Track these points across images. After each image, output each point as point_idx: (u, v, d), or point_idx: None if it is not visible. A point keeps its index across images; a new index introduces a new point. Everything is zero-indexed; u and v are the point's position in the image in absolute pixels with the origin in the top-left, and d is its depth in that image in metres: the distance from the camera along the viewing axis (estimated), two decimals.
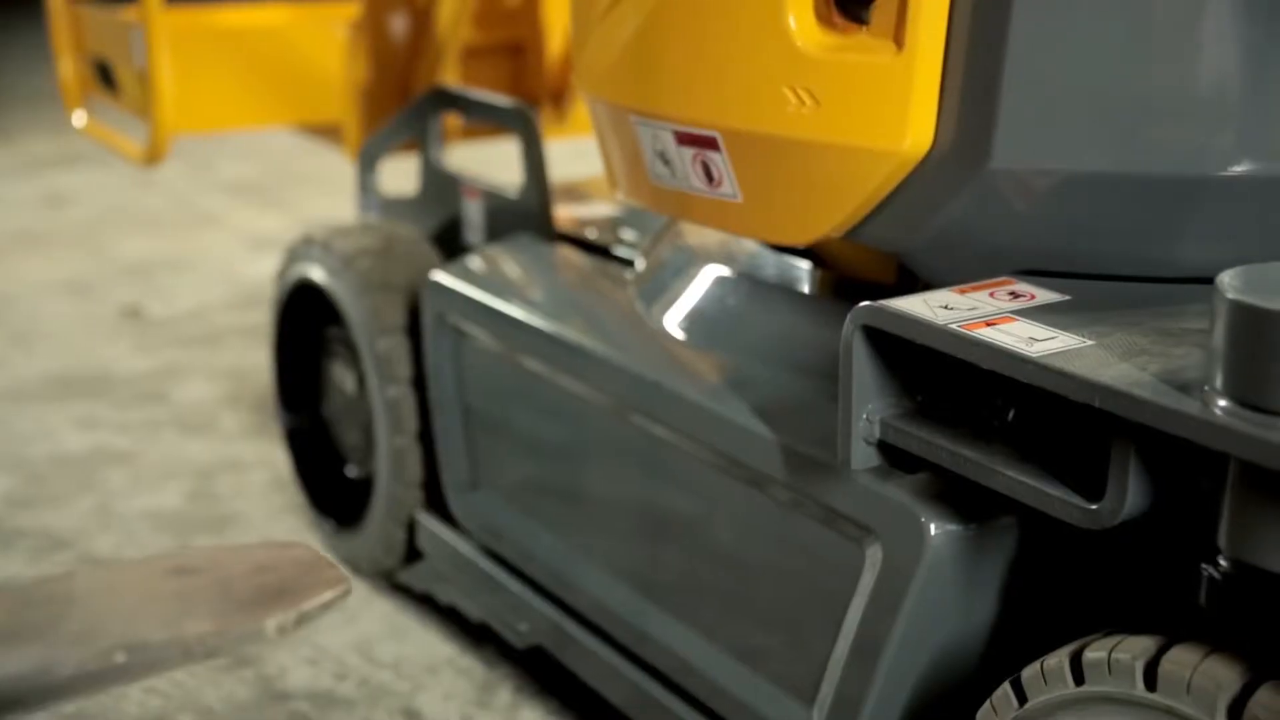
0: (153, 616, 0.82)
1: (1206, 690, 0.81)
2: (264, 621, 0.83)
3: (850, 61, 1.10)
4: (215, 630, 0.81)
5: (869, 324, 1.01)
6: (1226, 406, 0.80)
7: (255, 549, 0.92)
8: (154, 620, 0.81)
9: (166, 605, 0.83)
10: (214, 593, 0.85)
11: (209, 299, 3.39)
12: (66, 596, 0.83)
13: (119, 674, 0.78)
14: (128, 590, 0.85)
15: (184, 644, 0.80)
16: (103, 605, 0.83)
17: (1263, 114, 1.02)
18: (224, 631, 0.81)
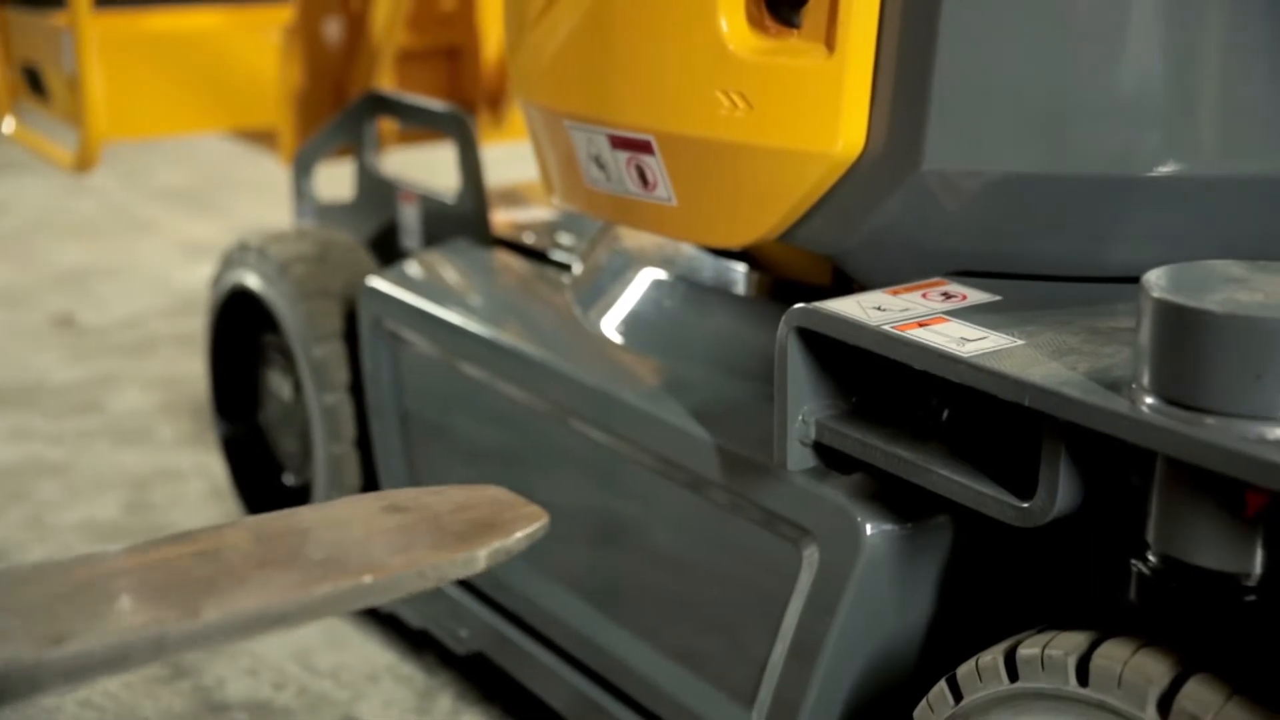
0: (382, 546, 0.87)
1: (1137, 684, 0.82)
2: (478, 551, 0.89)
3: (782, 65, 1.10)
4: (439, 558, 0.87)
5: (803, 326, 1.02)
6: (1153, 404, 0.81)
7: (453, 490, 0.98)
8: (384, 549, 0.87)
9: (390, 537, 0.89)
10: (428, 527, 0.91)
11: (143, 307, 3.35)
12: (301, 529, 0.89)
13: (367, 594, 0.83)
14: (352, 525, 0.91)
15: (419, 569, 0.85)
16: (335, 536, 0.89)
17: (1188, 116, 1.04)
18: (448, 559, 0.87)
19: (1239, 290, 0.80)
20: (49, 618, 0.73)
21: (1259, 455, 0.75)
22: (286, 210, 2.29)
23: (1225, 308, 0.78)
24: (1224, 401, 0.78)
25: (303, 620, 0.81)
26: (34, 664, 0.69)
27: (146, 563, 0.81)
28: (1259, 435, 0.76)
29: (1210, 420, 0.78)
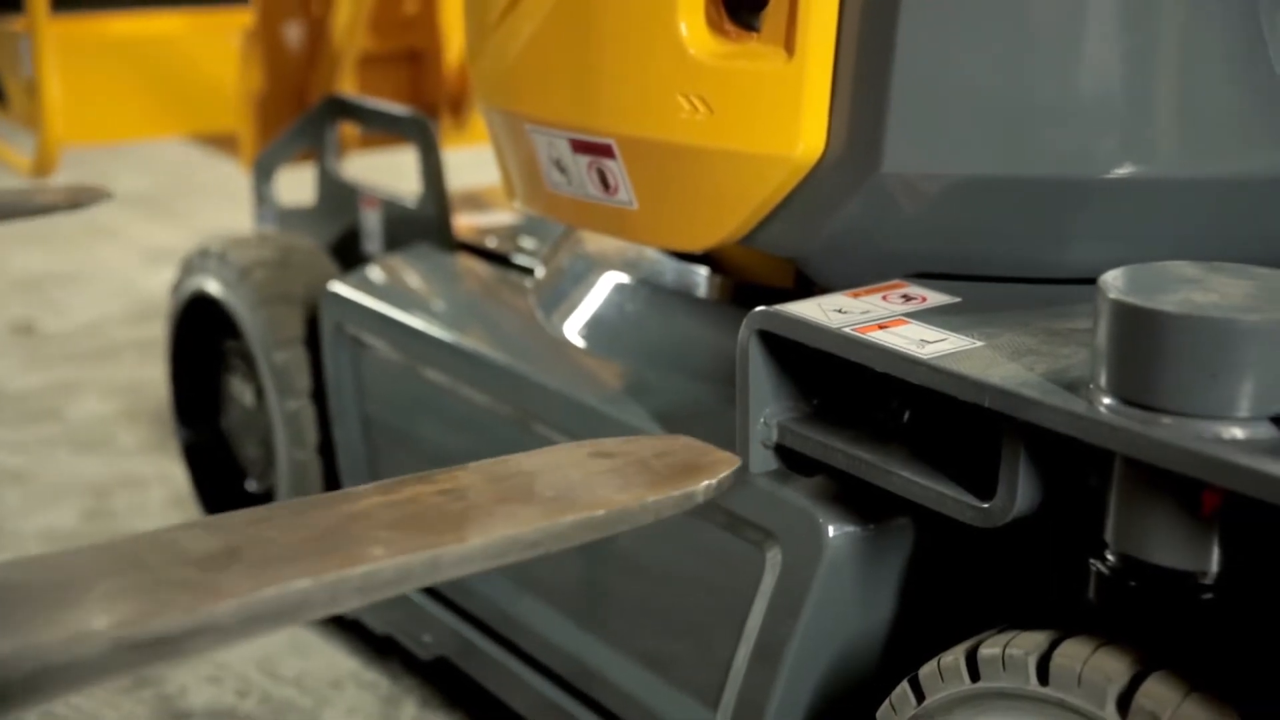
0: (603, 485, 0.91)
1: (1096, 683, 0.82)
2: (692, 487, 0.92)
3: (742, 68, 1.10)
4: (659, 494, 0.90)
5: (764, 329, 1.02)
6: (1110, 404, 0.81)
7: (647, 439, 1.01)
8: (606, 488, 0.91)
9: (607, 478, 0.92)
10: (637, 469, 0.94)
11: (104, 313, 3.33)
12: (525, 471, 0.93)
13: (602, 525, 0.87)
14: (569, 468, 0.94)
15: (643, 503, 0.89)
16: (558, 478, 0.92)
17: (1145, 118, 1.05)
18: (668, 495, 0.91)
19: (1194, 291, 0.81)
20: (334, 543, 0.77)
21: (1214, 454, 0.75)
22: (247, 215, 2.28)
23: (1181, 308, 0.78)
24: (1180, 401, 0.78)
25: (549, 548, 0.85)
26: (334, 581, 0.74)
27: (399, 499, 0.86)
28: (1214, 434, 0.77)
29: (1167, 420, 0.79)
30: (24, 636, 0.64)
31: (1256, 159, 1.06)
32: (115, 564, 0.73)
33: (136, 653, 0.67)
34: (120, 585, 0.70)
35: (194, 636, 0.69)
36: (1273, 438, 0.77)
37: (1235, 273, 0.85)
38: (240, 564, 0.74)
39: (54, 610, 0.66)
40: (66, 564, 0.73)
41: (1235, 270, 0.85)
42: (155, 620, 0.67)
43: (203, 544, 0.76)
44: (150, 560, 0.74)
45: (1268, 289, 0.82)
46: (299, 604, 0.73)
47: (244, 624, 0.71)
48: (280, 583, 0.72)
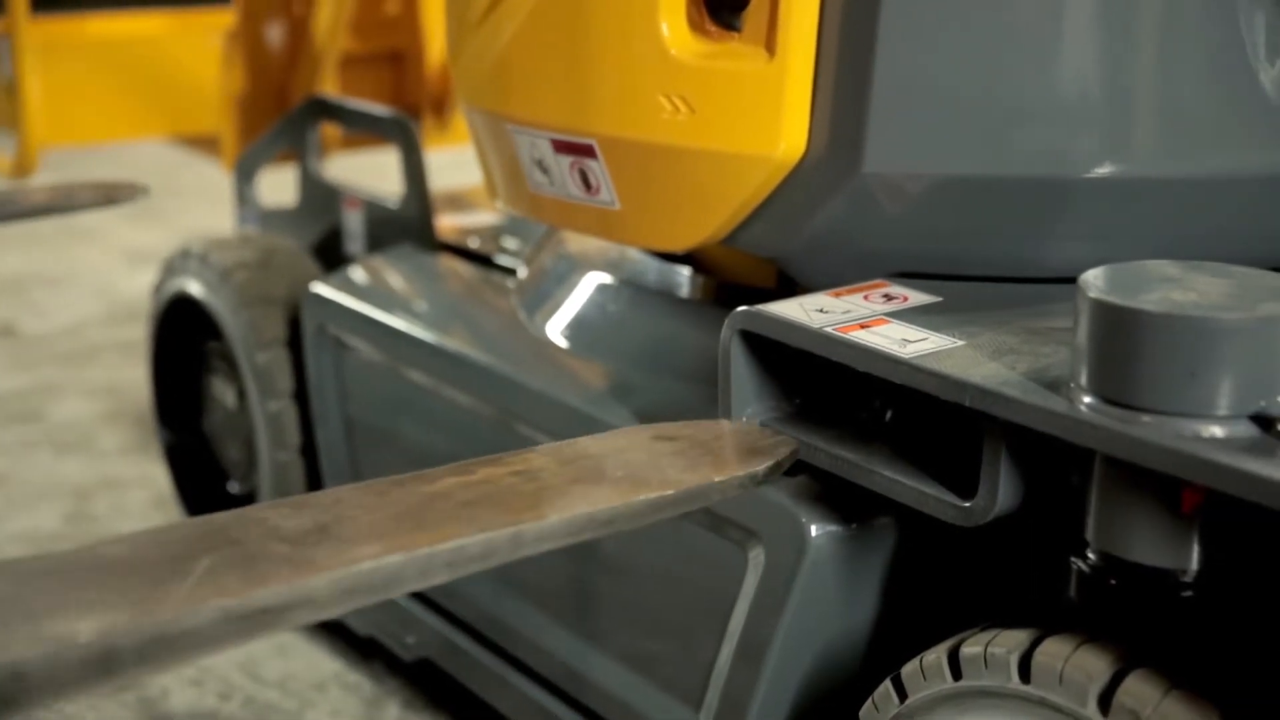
0: (669, 466, 0.93)
1: (1078, 681, 0.82)
2: (755, 468, 0.94)
3: (723, 68, 1.11)
4: (725, 474, 0.92)
5: (746, 329, 1.02)
6: (1091, 403, 0.82)
7: (705, 423, 1.03)
8: (673, 469, 0.92)
9: (673, 459, 0.94)
10: (701, 451, 0.96)
11: (85, 314, 3.32)
12: (593, 454, 0.95)
13: (673, 504, 0.89)
14: (635, 450, 0.95)
15: (710, 483, 0.92)
16: (625, 459, 0.93)
17: (1123, 118, 1.05)
18: (733, 475, 0.93)
19: (1173, 290, 0.82)
20: (419, 520, 0.80)
21: (1194, 452, 0.76)
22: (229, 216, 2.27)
23: (1160, 307, 0.79)
24: (1160, 399, 0.79)
25: (622, 526, 0.87)
26: (425, 556, 0.77)
27: (474, 480, 0.88)
28: (1194, 433, 0.78)
29: (1146, 418, 0.79)
30: (138, 611, 0.66)
31: (1235, 158, 1.06)
32: (211, 540, 0.75)
33: (243, 624, 0.70)
34: (220, 560, 0.73)
35: (295, 609, 0.72)
36: (1251, 436, 0.77)
37: (1214, 272, 0.85)
38: (331, 540, 0.77)
39: (162, 584, 0.69)
40: (163, 540, 0.75)
41: (1214, 269, 0.85)
42: (258, 593, 0.70)
43: (291, 521, 0.79)
44: (243, 537, 0.76)
45: (1246, 288, 0.82)
46: (392, 578, 0.76)
47: (340, 597, 0.74)
48: (374, 558, 0.75)
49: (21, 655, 0.62)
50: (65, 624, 0.65)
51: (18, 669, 0.62)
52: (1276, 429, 0.77)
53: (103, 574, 0.70)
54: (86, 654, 0.64)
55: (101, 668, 0.64)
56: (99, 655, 0.64)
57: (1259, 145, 1.06)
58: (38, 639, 0.63)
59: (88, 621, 0.65)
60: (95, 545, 0.74)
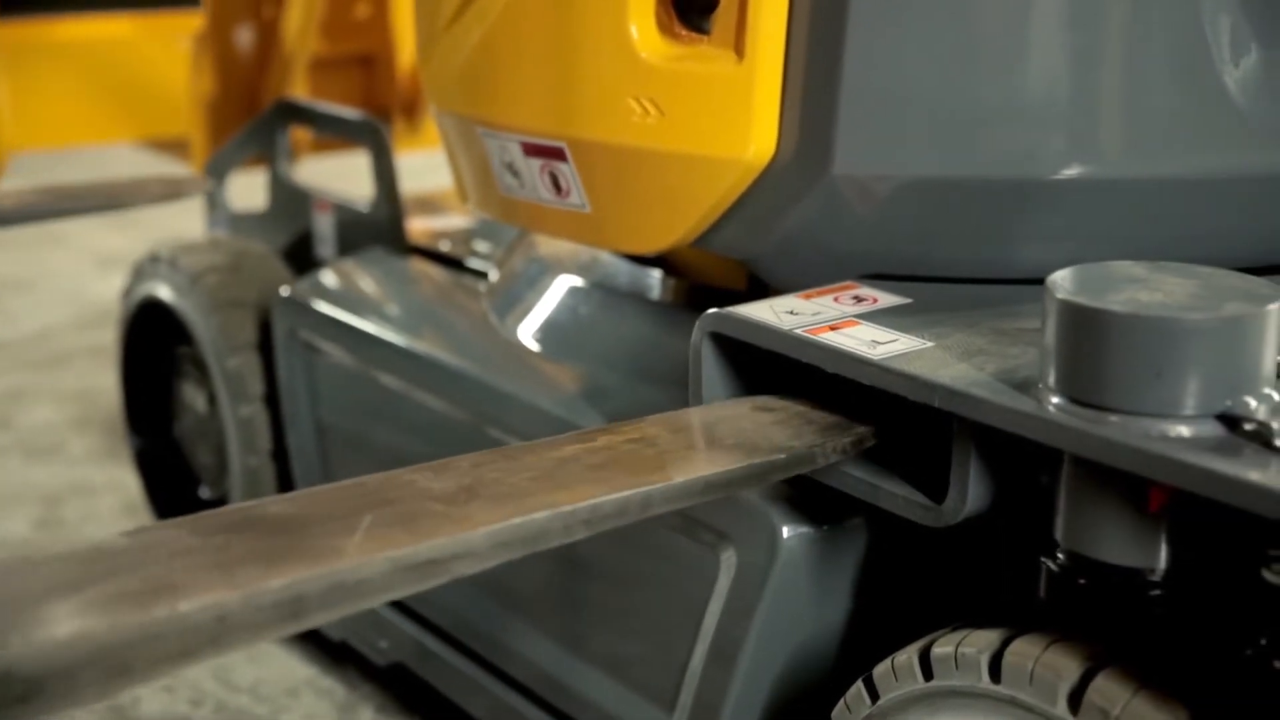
0: (775, 433, 0.96)
1: (1048, 680, 0.83)
2: (860, 431, 0.98)
3: (692, 71, 1.11)
4: (828, 441, 0.96)
5: (716, 330, 1.03)
6: (1058, 403, 0.82)
7: (791, 400, 1.05)
8: (780, 435, 0.96)
9: (777, 428, 0.97)
10: (801, 420, 0.99)
11: (55, 320, 3.30)
12: (702, 423, 0.98)
13: (784, 468, 0.93)
14: (739, 419, 0.98)
15: (815, 448, 0.95)
16: (732, 428, 0.96)
17: (1090, 119, 1.06)
18: (836, 441, 0.96)
19: (1140, 290, 0.82)
20: (556, 481, 0.85)
21: (1161, 452, 0.76)
22: (199, 220, 2.26)
23: (1126, 307, 0.79)
24: (1127, 399, 0.79)
25: (739, 489, 0.93)
26: (567, 514, 0.82)
27: (598, 446, 0.92)
28: (1161, 432, 0.78)
29: (1114, 418, 0.79)
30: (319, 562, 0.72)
31: (1200, 159, 1.07)
32: (368, 500, 0.80)
33: (410, 574, 0.75)
34: (381, 517, 0.78)
35: (456, 560, 0.77)
36: (1217, 435, 0.78)
37: (1180, 272, 0.85)
38: (479, 499, 0.82)
39: (334, 538, 0.75)
40: (324, 499, 0.81)
41: (1180, 270, 0.86)
42: (423, 545, 0.76)
43: (437, 484, 0.84)
44: (397, 497, 0.81)
45: (1211, 288, 0.82)
46: (539, 533, 0.81)
47: (494, 550, 0.79)
48: (523, 514, 0.80)
49: (223, 599, 0.67)
50: (257, 574, 0.70)
51: (222, 611, 0.67)
52: (1242, 428, 0.77)
53: (277, 530, 0.76)
54: (279, 599, 0.69)
55: (291, 613, 0.70)
56: (290, 601, 0.70)
57: (1224, 146, 1.07)
58: (235, 585, 0.68)
59: (277, 571, 0.70)
60: (262, 503, 0.80)
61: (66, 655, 0.63)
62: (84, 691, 0.64)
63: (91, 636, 0.64)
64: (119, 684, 0.65)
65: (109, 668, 0.64)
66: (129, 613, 0.65)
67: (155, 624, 0.65)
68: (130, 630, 0.65)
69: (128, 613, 0.65)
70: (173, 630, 0.66)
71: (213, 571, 0.70)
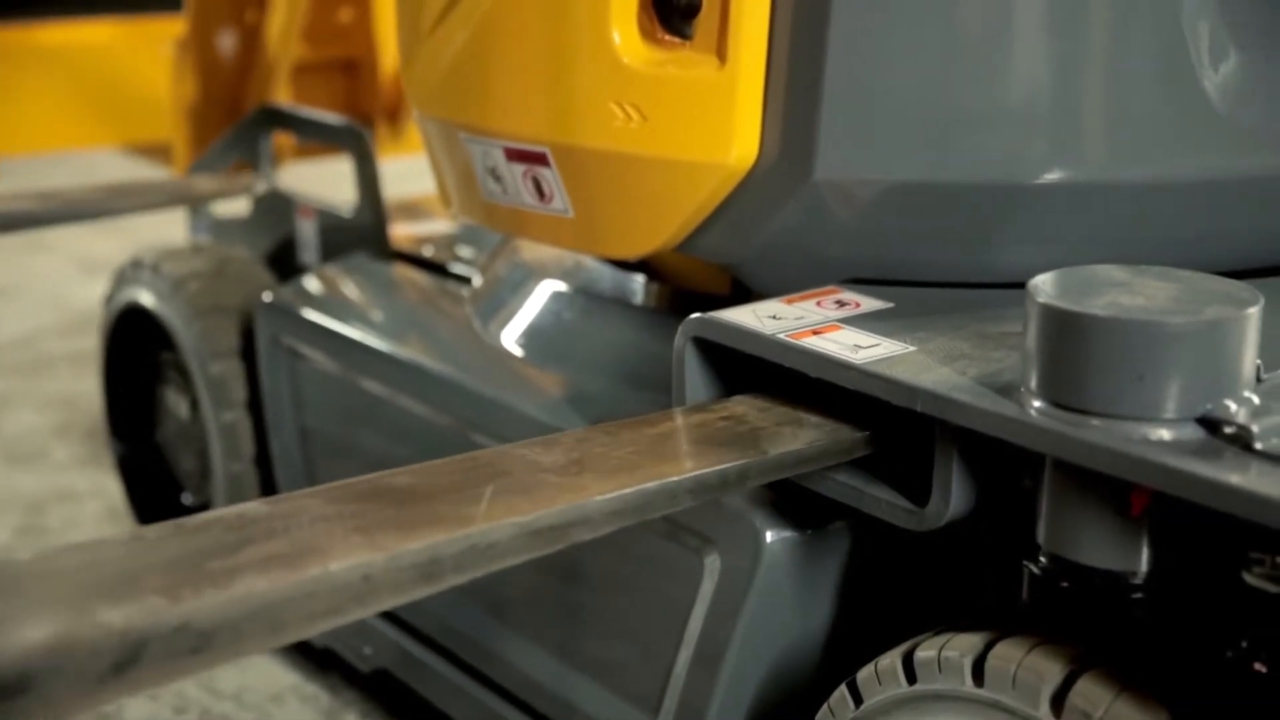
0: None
1: (1030, 683, 0.83)
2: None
3: (674, 76, 1.11)
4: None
5: (699, 335, 1.03)
6: (1040, 407, 0.82)
7: None
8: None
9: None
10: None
11: (38, 325, 3.29)
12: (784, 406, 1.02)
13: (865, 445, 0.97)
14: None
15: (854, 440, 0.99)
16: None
17: (1071, 124, 1.06)
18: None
19: (1121, 294, 0.82)
20: (657, 455, 0.91)
21: (1142, 455, 0.76)
22: (182, 226, 2.26)
23: (1108, 311, 0.79)
24: (1108, 403, 0.79)
25: (824, 464, 0.97)
26: (673, 484, 0.87)
27: (693, 424, 0.97)
28: (1142, 436, 0.78)
29: (1095, 422, 0.80)
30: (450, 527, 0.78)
31: (1180, 163, 1.08)
32: (486, 472, 0.86)
33: (534, 539, 0.81)
34: (502, 487, 0.83)
35: (574, 527, 0.83)
36: (1198, 438, 0.78)
37: (1161, 276, 0.86)
38: (589, 472, 0.87)
39: (461, 506, 0.80)
40: (443, 471, 0.87)
41: (1161, 273, 0.86)
42: (544, 512, 0.81)
43: (547, 457, 0.89)
44: (512, 469, 0.87)
45: (1192, 291, 0.83)
46: (646, 502, 0.86)
47: (608, 518, 0.84)
48: (633, 485, 0.86)
49: (368, 560, 0.73)
50: (396, 538, 0.75)
51: (368, 571, 0.73)
52: (1223, 431, 0.78)
53: (406, 499, 0.81)
54: (417, 560, 0.75)
55: (427, 574, 0.76)
56: (427, 563, 0.76)
57: (1204, 150, 1.08)
58: (377, 548, 0.74)
59: (414, 536, 0.76)
60: (385, 475, 0.85)
61: (234, 611, 0.68)
62: (249, 644, 0.69)
63: (255, 594, 0.69)
64: (275, 639, 0.71)
65: (270, 623, 0.69)
66: (285, 572, 0.70)
67: (309, 582, 0.71)
68: (289, 588, 0.70)
69: (284, 572, 0.70)
70: (324, 589, 0.71)
71: (353, 535, 0.75)
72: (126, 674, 0.65)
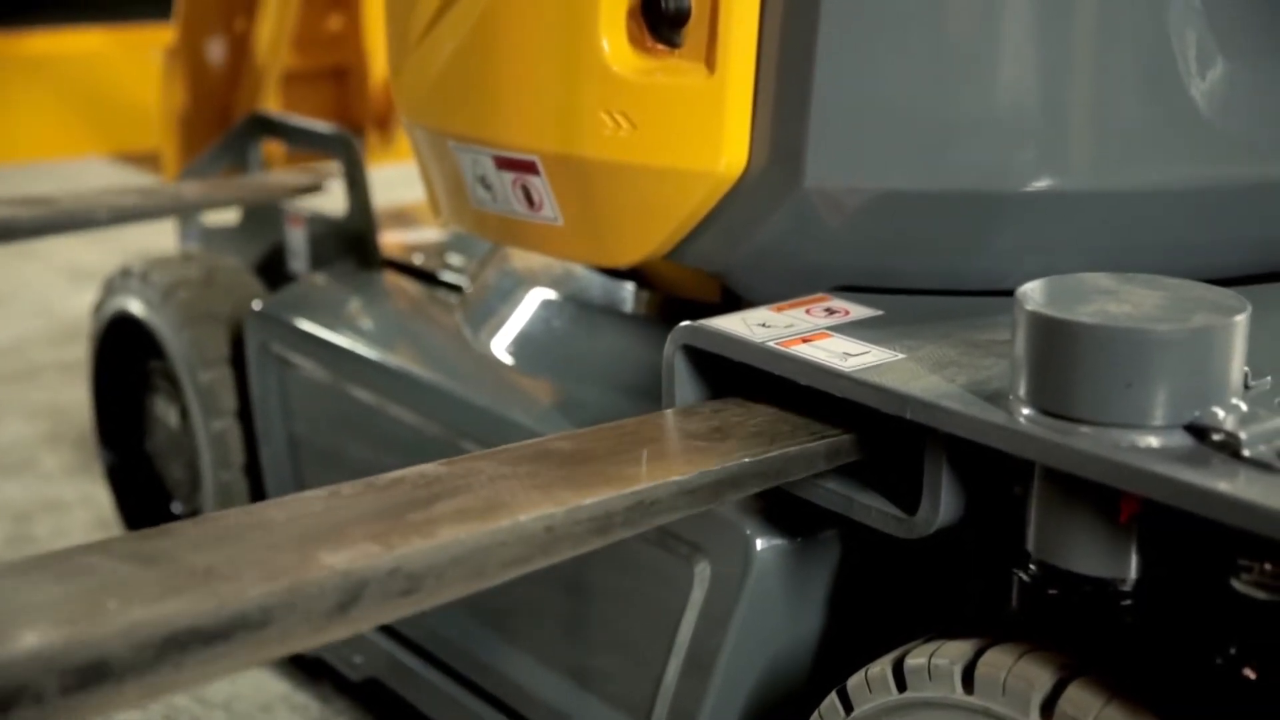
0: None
1: (1020, 690, 0.83)
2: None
3: (664, 84, 1.11)
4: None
5: (688, 343, 1.03)
6: (1029, 414, 0.82)
7: None
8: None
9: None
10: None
11: (26, 334, 3.28)
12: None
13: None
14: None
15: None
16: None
17: (1060, 132, 1.06)
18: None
19: (1109, 302, 0.82)
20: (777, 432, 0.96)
21: (1131, 463, 0.77)
22: (171, 235, 2.26)
23: (1096, 319, 0.79)
24: (1097, 411, 0.80)
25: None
26: (799, 451, 0.94)
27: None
28: (1130, 443, 0.78)
29: (1084, 429, 0.80)
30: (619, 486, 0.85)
31: (1168, 171, 1.08)
32: (635, 440, 0.93)
33: (692, 497, 0.88)
34: (655, 450, 0.91)
35: (726, 487, 0.91)
36: (1187, 446, 0.78)
37: (1148, 284, 0.86)
38: (732, 439, 0.95)
39: (623, 468, 0.87)
40: (597, 437, 0.93)
41: (1149, 281, 0.86)
42: (699, 473, 0.88)
43: (691, 425, 0.97)
44: (659, 436, 0.94)
45: (1180, 299, 0.83)
46: (782, 468, 0.94)
47: (755, 479, 0.92)
48: (774, 450, 0.94)
49: (550, 512, 0.80)
50: (571, 494, 0.83)
51: (550, 522, 0.80)
52: (1211, 438, 0.78)
53: (572, 461, 0.88)
54: (593, 514, 0.82)
55: (601, 527, 0.83)
56: (602, 516, 0.83)
57: (1191, 158, 1.08)
58: (556, 502, 0.81)
59: (587, 492, 0.83)
60: (548, 440, 0.93)
61: (440, 557, 0.75)
62: (451, 588, 0.77)
63: (457, 541, 0.76)
64: (474, 584, 0.78)
65: (470, 568, 0.77)
66: (479, 523, 0.78)
67: (502, 532, 0.78)
68: (484, 536, 0.77)
69: (478, 523, 0.78)
70: (515, 538, 0.78)
71: (533, 491, 0.82)
72: (349, 612, 0.72)
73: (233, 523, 0.77)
